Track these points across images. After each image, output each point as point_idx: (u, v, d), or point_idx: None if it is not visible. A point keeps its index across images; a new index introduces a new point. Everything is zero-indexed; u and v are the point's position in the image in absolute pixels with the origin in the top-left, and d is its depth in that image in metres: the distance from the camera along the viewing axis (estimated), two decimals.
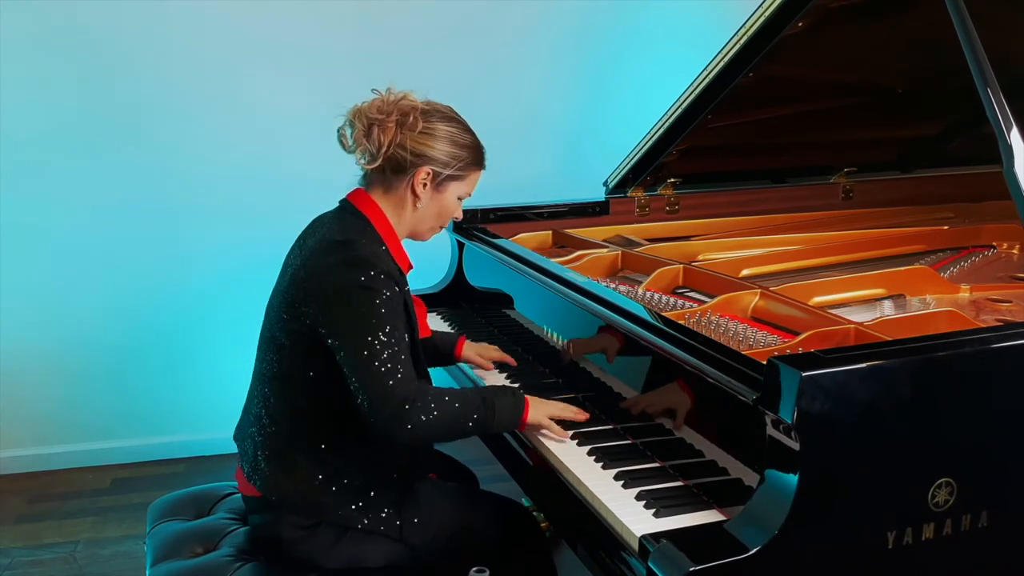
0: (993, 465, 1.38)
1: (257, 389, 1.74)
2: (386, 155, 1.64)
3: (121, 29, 3.03)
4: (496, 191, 2.99)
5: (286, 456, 1.66)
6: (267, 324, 1.72)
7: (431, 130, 1.66)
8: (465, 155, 1.70)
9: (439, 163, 1.67)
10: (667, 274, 2.12)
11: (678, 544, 1.25)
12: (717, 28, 2.45)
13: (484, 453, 2.01)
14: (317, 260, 1.61)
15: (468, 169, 1.72)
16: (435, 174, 1.68)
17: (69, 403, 3.25)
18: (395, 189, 1.69)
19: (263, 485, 1.67)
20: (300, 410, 1.66)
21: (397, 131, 1.64)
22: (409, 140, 1.64)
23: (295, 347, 1.64)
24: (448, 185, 1.71)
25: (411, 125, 1.64)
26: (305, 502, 1.64)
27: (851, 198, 2.88)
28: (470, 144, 1.72)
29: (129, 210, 3.16)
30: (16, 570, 2.65)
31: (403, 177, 1.67)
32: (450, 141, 1.68)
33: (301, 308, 1.61)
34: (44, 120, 3.04)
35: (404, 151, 1.64)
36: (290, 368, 1.66)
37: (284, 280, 1.69)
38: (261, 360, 1.73)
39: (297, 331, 1.62)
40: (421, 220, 1.73)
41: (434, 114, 1.68)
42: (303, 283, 1.62)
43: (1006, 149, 1.54)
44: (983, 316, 1.89)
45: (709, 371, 1.44)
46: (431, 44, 3.29)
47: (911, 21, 2.16)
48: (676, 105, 2.36)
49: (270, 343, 1.69)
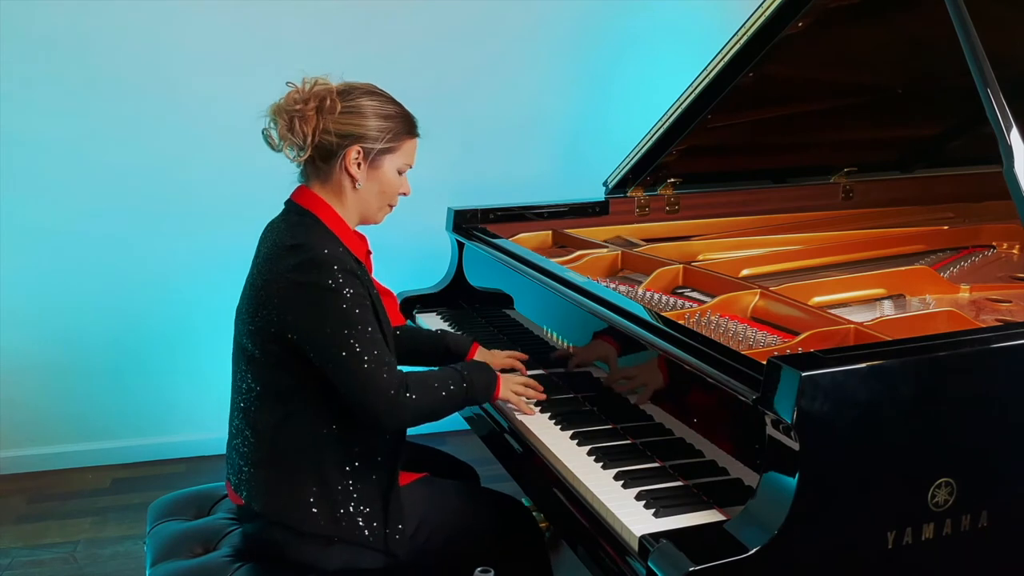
0: (993, 465, 1.38)
1: (235, 402, 1.72)
2: (312, 144, 1.62)
3: (119, 30, 3.03)
4: (496, 191, 3.01)
5: (269, 468, 1.65)
6: (236, 337, 1.71)
7: (352, 108, 1.63)
8: (392, 125, 1.66)
9: (368, 139, 1.64)
10: (667, 274, 2.12)
11: (678, 544, 1.25)
12: (717, 28, 2.45)
13: (484, 453, 2.01)
14: (271, 267, 1.60)
15: (399, 139, 1.68)
16: (366, 151, 1.64)
17: (69, 403, 3.25)
18: (331, 177, 1.66)
19: (249, 497, 1.67)
20: (279, 421, 1.64)
21: (318, 117, 1.61)
22: (332, 123, 1.61)
23: (265, 358, 1.62)
24: (383, 159, 1.67)
25: (330, 108, 1.61)
26: (291, 514, 1.62)
27: (851, 198, 2.88)
28: (396, 114, 1.67)
29: (129, 210, 3.16)
30: (16, 570, 2.65)
31: (334, 162, 1.64)
32: (374, 115, 1.64)
33: (265, 317, 1.60)
34: (43, 120, 3.03)
35: (329, 135, 1.62)
36: (264, 379, 1.65)
37: (246, 290, 1.68)
38: (235, 373, 1.72)
39: (265, 341, 1.61)
40: (365, 202, 1.69)
41: (353, 92, 1.65)
42: (261, 292, 1.61)
43: (1006, 149, 1.54)
44: (983, 316, 1.89)
45: (709, 371, 1.44)
46: (431, 44, 3.29)
47: (911, 21, 2.16)
48: (676, 105, 2.36)
49: (241, 356, 1.68)
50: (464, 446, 2.60)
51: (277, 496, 1.64)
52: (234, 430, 1.72)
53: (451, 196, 2.63)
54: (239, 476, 1.70)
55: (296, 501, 1.62)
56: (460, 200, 2.65)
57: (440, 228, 2.67)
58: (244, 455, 1.68)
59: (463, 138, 3.38)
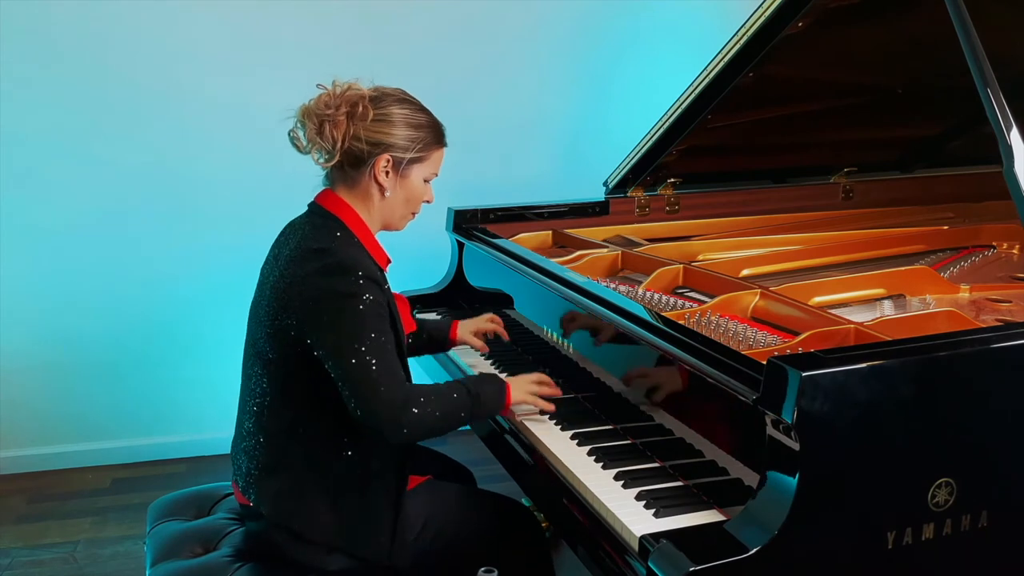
0: (993, 465, 1.38)
1: (247, 404, 1.70)
2: (342, 150, 1.60)
3: (120, 30, 3.03)
4: (496, 191, 3.01)
5: (279, 474, 1.64)
6: (251, 339, 1.69)
7: (384, 116, 1.61)
8: (423, 135, 1.65)
9: (398, 148, 1.63)
10: (667, 274, 2.12)
11: (678, 544, 1.25)
12: (717, 28, 2.45)
13: (484, 453, 2.01)
14: (294, 270, 1.58)
15: (429, 149, 1.67)
16: (395, 160, 1.63)
17: (69, 403, 3.25)
18: (358, 183, 1.65)
19: (258, 500, 1.65)
20: (292, 426, 1.63)
21: (349, 123, 1.59)
22: (363, 130, 1.60)
23: (283, 361, 1.61)
24: (412, 169, 1.66)
25: (362, 115, 1.59)
26: (298, 521, 1.61)
27: (851, 198, 2.88)
28: (427, 123, 1.66)
29: (129, 210, 3.16)
30: (16, 570, 2.65)
31: (363, 169, 1.63)
32: (405, 124, 1.63)
33: (284, 320, 1.58)
34: (42, 120, 3.03)
35: (360, 142, 1.60)
36: (280, 383, 1.63)
37: (264, 292, 1.65)
38: (248, 376, 1.70)
39: (283, 344, 1.59)
40: (391, 209, 1.69)
41: (384, 99, 1.63)
42: (283, 295, 1.58)
43: (1006, 149, 1.54)
44: (983, 316, 1.89)
45: (709, 371, 1.44)
46: (431, 44, 3.29)
47: (911, 21, 2.16)
48: (676, 105, 2.36)
49: (256, 358, 1.66)
50: (462, 445, 2.60)
51: (286, 501, 1.62)
52: (244, 432, 1.70)
53: (451, 196, 2.63)
54: (247, 479, 1.68)
55: (305, 509, 1.61)
56: (460, 200, 2.65)
57: (440, 228, 2.67)
58: (254, 458, 1.67)
59: (463, 138, 3.35)
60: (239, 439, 1.73)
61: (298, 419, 1.63)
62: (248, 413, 1.69)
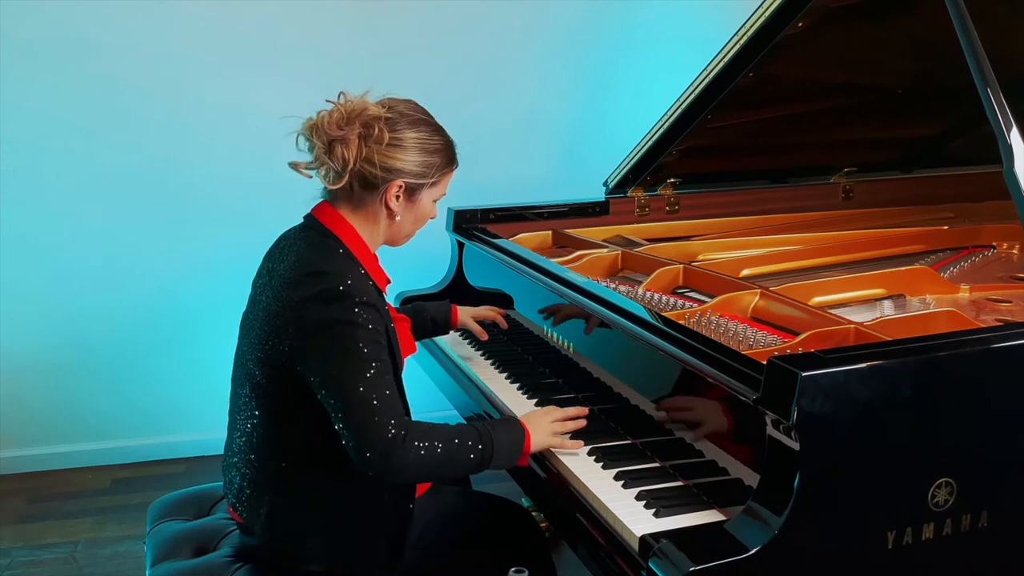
0: (993, 465, 1.38)
1: (237, 420, 1.65)
2: (352, 171, 1.52)
3: (119, 32, 3.02)
4: (496, 191, 3.01)
5: (271, 496, 1.59)
6: (241, 356, 1.62)
7: (399, 141, 1.54)
8: (437, 161, 1.59)
9: (412, 175, 1.56)
10: (667, 274, 2.12)
11: (678, 544, 1.25)
12: (717, 28, 2.45)
13: None
14: (289, 293, 1.50)
15: (441, 173, 1.62)
16: (409, 187, 1.57)
17: (69, 403, 3.25)
18: (365, 204, 1.58)
19: (249, 518, 1.62)
20: (284, 451, 1.58)
21: (362, 145, 1.51)
22: (376, 154, 1.52)
23: (273, 387, 1.55)
24: (422, 193, 1.61)
25: (376, 138, 1.51)
26: (291, 547, 1.59)
27: (851, 198, 2.88)
28: (442, 147, 1.60)
29: (129, 210, 3.16)
30: (16, 570, 2.65)
31: (374, 193, 1.56)
32: (420, 149, 1.56)
33: (277, 346, 1.51)
34: (44, 122, 3.03)
35: (372, 167, 1.52)
36: (269, 408, 1.57)
37: (257, 311, 1.58)
38: (238, 394, 1.64)
39: (274, 369, 1.53)
40: (398, 230, 1.64)
41: (399, 120, 1.55)
42: (276, 319, 1.51)
43: (1006, 149, 1.54)
44: (983, 316, 1.89)
45: (709, 371, 1.44)
46: (431, 44, 3.28)
47: (911, 21, 2.16)
48: (676, 105, 2.36)
49: (246, 379, 1.60)
50: None
51: (278, 523, 1.59)
52: (235, 447, 1.65)
53: (451, 196, 2.62)
54: (239, 496, 1.64)
55: (297, 531, 1.58)
56: (460, 200, 2.65)
57: (440, 228, 2.67)
58: (245, 476, 1.63)
59: (463, 138, 3.35)
60: (230, 452, 1.69)
61: (289, 446, 1.58)
62: (238, 430, 1.64)
